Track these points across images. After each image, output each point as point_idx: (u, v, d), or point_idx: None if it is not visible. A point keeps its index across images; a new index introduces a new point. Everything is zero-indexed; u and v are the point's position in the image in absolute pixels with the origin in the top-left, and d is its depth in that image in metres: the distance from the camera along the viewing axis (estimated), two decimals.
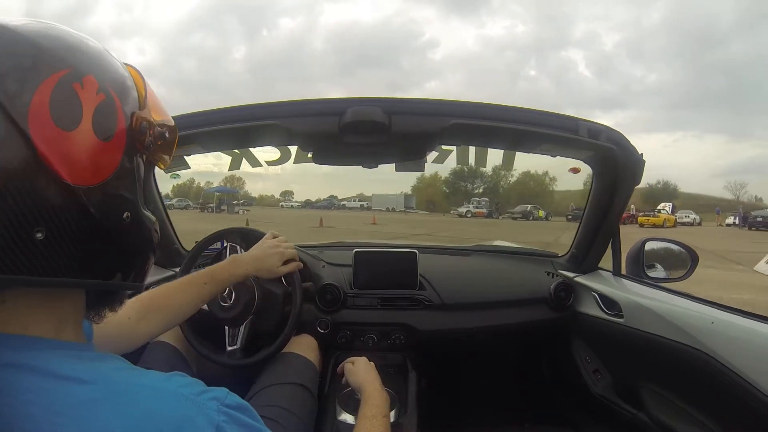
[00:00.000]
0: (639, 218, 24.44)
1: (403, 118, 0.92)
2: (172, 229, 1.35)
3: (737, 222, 26.72)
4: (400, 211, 35.27)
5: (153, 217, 0.45)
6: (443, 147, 1.11)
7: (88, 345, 0.41)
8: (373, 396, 0.85)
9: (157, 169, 1.16)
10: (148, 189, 0.44)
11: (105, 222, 0.37)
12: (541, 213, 28.18)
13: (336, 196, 42.88)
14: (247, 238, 1.16)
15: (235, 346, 1.06)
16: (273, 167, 1.18)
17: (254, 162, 1.18)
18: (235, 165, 1.18)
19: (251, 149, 1.15)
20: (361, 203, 39.37)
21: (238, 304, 1.03)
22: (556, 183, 40.91)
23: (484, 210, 29.64)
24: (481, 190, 43.96)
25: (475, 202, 32.01)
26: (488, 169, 1.25)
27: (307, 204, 40.17)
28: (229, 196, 30.54)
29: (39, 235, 0.33)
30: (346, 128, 0.91)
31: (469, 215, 28.64)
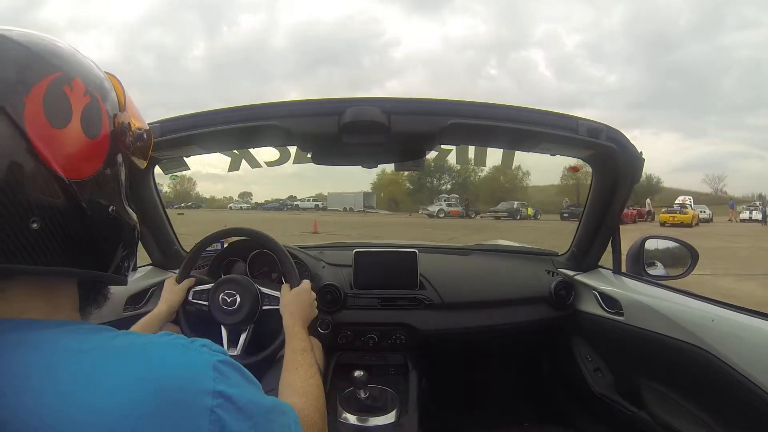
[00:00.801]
0: (661, 215, 20.94)
1: (402, 118, 0.92)
2: (172, 230, 1.35)
3: (754, 217, 23.91)
4: (358, 212, 31.07)
5: (135, 214, 0.48)
6: (442, 146, 1.11)
7: (84, 321, 0.43)
8: (296, 327, 0.88)
9: (157, 169, 1.18)
10: (146, 188, 0.46)
11: (94, 214, 0.41)
12: (530, 211, 24.44)
13: (295, 197, 38.68)
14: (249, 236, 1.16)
15: (234, 353, 1.03)
16: (242, 168, 1.22)
17: (254, 163, 1.18)
18: (234, 166, 1.18)
19: (250, 150, 1.15)
20: (316, 203, 35.04)
21: (242, 308, 1.02)
22: (530, 177, 37.58)
23: (459, 208, 25.31)
24: (448, 187, 39.06)
25: (445, 199, 27.54)
26: (454, 163, 1.24)
27: (258, 205, 36.89)
28: None
29: (35, 225, 0.36)
30: (346, 128, 0.91)
31: (442, 215, 24.03)
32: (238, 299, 1.03)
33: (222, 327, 1.04)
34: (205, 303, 1.06)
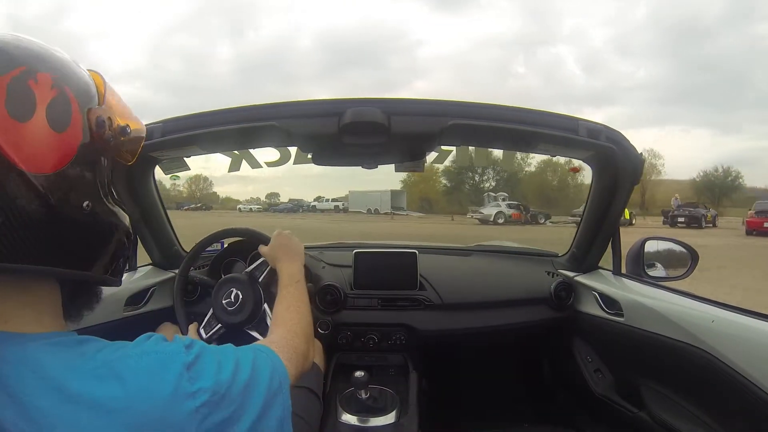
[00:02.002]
0: None
1: (402, 118, 0.92)
2: (173, 230, 1.35)
3: None
4: (385, 213, 25.89)
5: (124, 212, 0.47)
6: (443, 147, 1.11)
7: (69, 333, 0.42)
8: (283, 268, 0.91)
9: (157, 169, 1.18)
10: (146, 188, 0.45)
11: (64, 210, 0.40)
12: (627, 214, 16.06)
13: (323, 197, 34.08)
14: (250, 237, 1.16)
15: None
16: (272, 169, 1.22)
17: (254, 163, 1.18)
18: (234, 166, 1.18)
19: (251, 150, 1.15)
20: (336, 204, 30.68)
21: (246, 300, 1.02)
22: (584, 173, 33.62)
23: (521, 211, 19.60)
24: (493, 183, 32.02)
25: (503, 198, 21.49)
26: (500, 155, 1.13)
27: (271, 206, 33.98)
28: None
29: None
30: (346, 129, 0.91)
31: (501, 220, 18.31)
32: (240, 294, 1.02)
33: (247, 330, 1.04)
34: (218, 326, 1.05)
